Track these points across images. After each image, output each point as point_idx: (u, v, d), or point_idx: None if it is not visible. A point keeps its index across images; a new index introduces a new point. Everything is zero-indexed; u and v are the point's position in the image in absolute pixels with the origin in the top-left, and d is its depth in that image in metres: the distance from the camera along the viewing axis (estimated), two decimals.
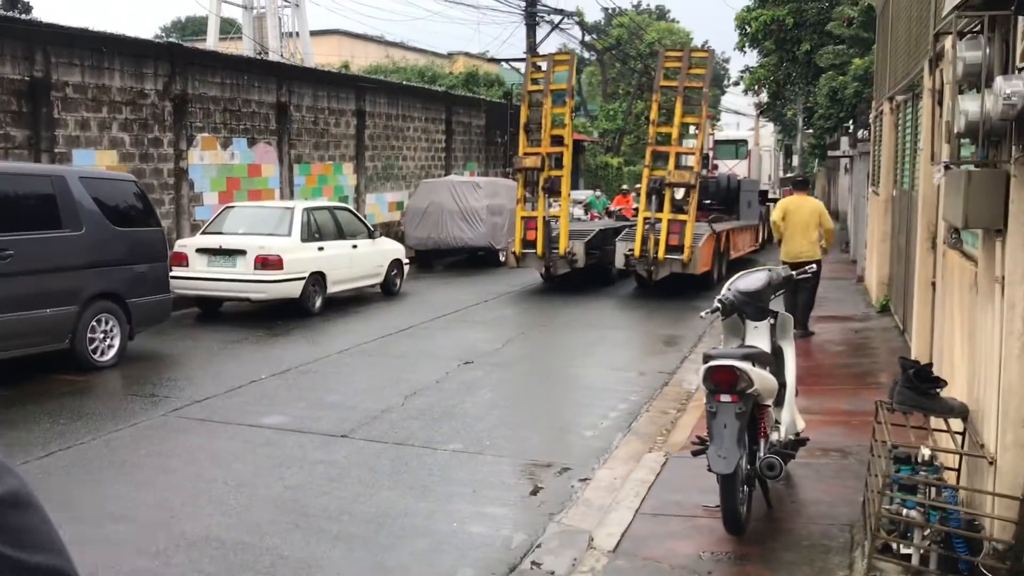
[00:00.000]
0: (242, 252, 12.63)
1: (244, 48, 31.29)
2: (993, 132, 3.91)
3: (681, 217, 14.79)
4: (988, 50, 3.98)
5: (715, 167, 24.64)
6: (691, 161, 15.48)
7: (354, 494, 5.90)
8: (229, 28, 36.23)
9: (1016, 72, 3.68)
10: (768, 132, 45.90)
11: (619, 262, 15.37)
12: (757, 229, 21.19)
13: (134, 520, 5.43)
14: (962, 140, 4.32)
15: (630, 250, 15.04)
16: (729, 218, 19.53)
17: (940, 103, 5.43)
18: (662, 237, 14.66)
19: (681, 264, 14.66)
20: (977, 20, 4.09)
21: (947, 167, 4.57)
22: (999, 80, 3.65)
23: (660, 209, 14.85)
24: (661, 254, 14.66)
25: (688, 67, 15.13)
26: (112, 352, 9.74)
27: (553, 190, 15.91)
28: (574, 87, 16.88)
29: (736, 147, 27.82)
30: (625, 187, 29.22)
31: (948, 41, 4.40)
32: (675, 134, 15.25)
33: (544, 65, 16.62)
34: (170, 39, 19.73)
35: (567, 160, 15.95)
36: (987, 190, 3.94)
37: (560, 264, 15.68)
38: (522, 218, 16.01)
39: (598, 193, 28.30)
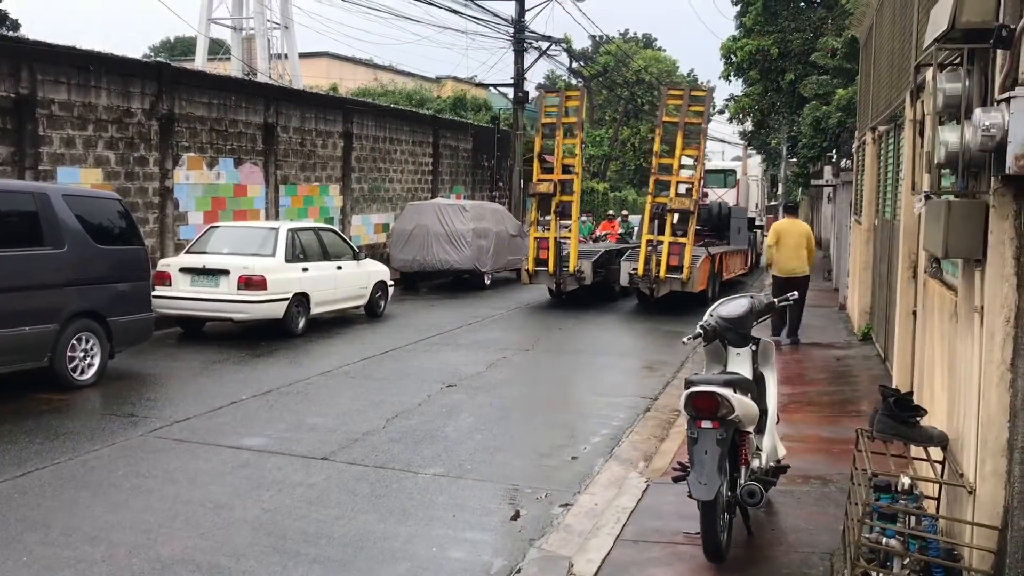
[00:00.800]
0: (225, 272, 12.58)
1: (233, 69, 31.38)
2: (972, 163, 3.94)
3: (681, 240, 16.07)
4: (968, 82, 4.03)
5: (705, 195, 25.08)
6: (688, 189, 16.46)
7: (333, 517, 5.85)
8: (218, 49, 36.34)
9: (995, 104, 3.73)
10: (755, 162, 46.61)
11: (624, 280, 16.73)
12: (746, 254, 22.22)
13: (109, 542, 5.36)
14: (942, 170, 4.36)
15: (634, 269, 16.40)
16: (720, 243, 20.27)
17: (921, 134, 5.49)
18: (663, 258, 16.03)
19: (680, 283, 16.02)
20: (957, 53, 4.14)
21: (928, 197, 4.61)
22: (978, 112, 3.69)
23: (662, 232, 16.16)
24: (663, 273, 16.01)
25: (688, 104, 16.56)
26: (92, 371, 9.66)
27: (564, 213, 17.41)
28: (584, 120, 18.23)
29: (725, 176, 28.91)
30: (611, 212, 29.36)
31: (929, 73, 4.45)
32: (676, 165, 16.54)
33: (557, 100, 18.04)
34: (158, 59, 19.73)
35: (577, 187, 17.49)
36: (966, 220, 3.97)
37: (569, 281, 17.13)
38: (535, 239, 17.41)
39: (584, 218, 28.40)
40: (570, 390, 10.23)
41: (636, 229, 23.21)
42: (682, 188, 16.43)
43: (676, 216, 16.15)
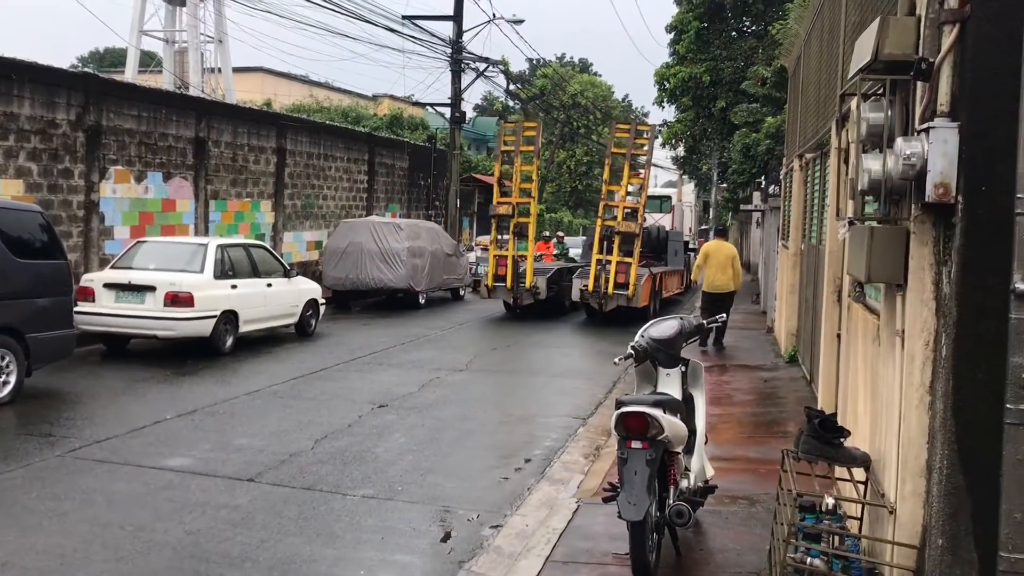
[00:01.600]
0: (152, 288, 12.29)
1: (164, 82, 30.81)
2: (894, 190, 4.05)
3: (627, 260, 17.59)
4: (890, 112, 4.15)
5: (643, 219, 25.88)
6: (633, 213, 18.05)
7: (258, 540, 5.72)
8: (149, 61, 35.65)
9: (915, 134, 3.84)
10: (689, 189, 48.03)
11: (575, 295, 18.22)
12: (682, 274, 23.47)
13: (20, 567, 5.14)
14: (866, 197, 4.47)
15: (585, 286, 17.86)
16: (659, 264, 21.31)
17: (846, 161, 5.63)
18: (611, 276, 17.46)
19: (627, 299, 17.44)
20: (880, 84, 4.26)
21: (851, 223, 4.72)
22: (899, 141, 3.80)
23: (610, 253, 17.63)
24: (611, 290, 17.44)
25: (634, 138, 18.37)
26: (7, 389, 9.31)
27: (521, 234, 18.84)
28: (540, 149, 19.65)
29: (661, 202, 30.40)
30: (546, 233, 29.54)
31: (853, 102, 4.58)
32: (622, 192, 18.16)
33: (515, 129, 19.44)
34: (86, 69, 19.24)
35: (533, 209, 19.09)
36: (888, 246, 4.08)
37: (525, 296, 18.60)
38: (494, 256, 18.78)
39: None
40: (503, 410, 10.20)
41: (580, 250, 25.15)
42: (628, 213, 17.99)
43: (621, 238, 17.59)
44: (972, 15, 3.55)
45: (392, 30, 25.26)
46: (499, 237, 19.00)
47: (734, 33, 26.17)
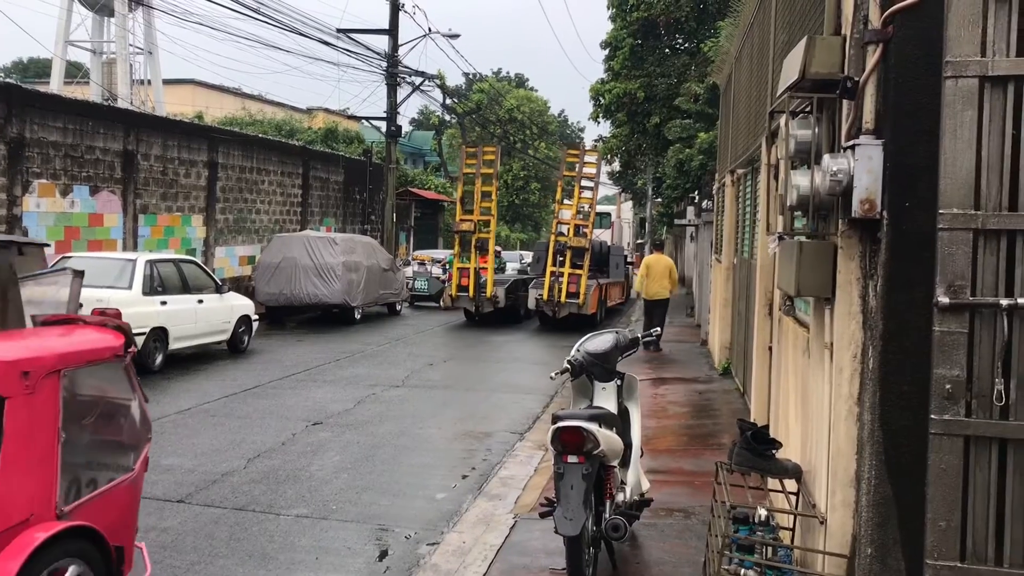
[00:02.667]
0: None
1: (92, 93, 30.07)
2: (822, 206, 4.13)
3: (578, 271, 19.39)
4: (817, 129, 4.24)
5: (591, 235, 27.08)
6: (582, 229, 19.89)
7: (188, 563, 5.57)
8: (76, 72, 34.81)
9: (841, 151, 3.93)
10: (627, 207, 48.90)
11: (531, 304, 19.93)
12: (623, 285, 25.00)
13: None
14: (795, 213, 4.56)
15: (540, 295, 19.62)
16: (603, 276, 22.44)
17: (776, 177, 5.74)
18: (564, 286, 19.28)
19: (577, 306, 19.23)
20: (808, 101, 4.35)
21: (781, 238, 4.81)
22: (827, 158, 3.88)
23: (563, 265, 19.48)
24: (563, 298, 19.27)
25: (583, 162, 20.36)
26: None
27: (483, 248, 20.49)
28: (499, 171, 21.40)
29: (601, 218, 31.82)
30: None
31: (782, 119, 4.67)
32: (573, 211, 20.06)
33: (476, 153, 21.15)
34: (8, 80, 18.70)
35: (493, 226, 20.82)
36: (817, 260, 4.16)
37: (486, 304, 20.12)
38: (458, 268, 20.32)
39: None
40: (440, 426, 10.13)
41: (518, 264, 27.41)
42: (579, 230, 19.78)
43: (572, 252, 19.40)
44: (894, 36, 3.65)
45: (327, 43, 25.02)
46: (461, 251, 20.63)
47: (667, 50, 26.53)
